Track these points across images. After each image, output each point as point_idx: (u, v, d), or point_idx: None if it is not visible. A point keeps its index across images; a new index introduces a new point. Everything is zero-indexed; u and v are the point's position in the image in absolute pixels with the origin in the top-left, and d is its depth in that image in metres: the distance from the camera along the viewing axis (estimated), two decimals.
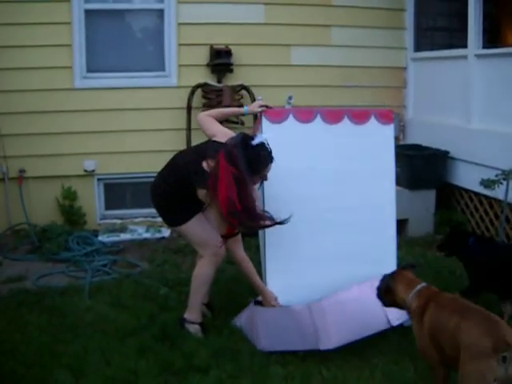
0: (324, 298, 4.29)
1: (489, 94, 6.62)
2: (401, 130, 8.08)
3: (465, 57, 6.90)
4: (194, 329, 4.52)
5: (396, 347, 4.24)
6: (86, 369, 4.02)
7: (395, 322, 4.28)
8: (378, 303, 3.98)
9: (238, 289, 5.40)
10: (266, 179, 4.32)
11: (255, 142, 4.17)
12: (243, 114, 4.84)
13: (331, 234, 4.61)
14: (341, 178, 4.63)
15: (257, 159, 4.15)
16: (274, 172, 4.30)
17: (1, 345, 4.36)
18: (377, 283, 3.94)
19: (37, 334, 4.53)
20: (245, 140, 4.19)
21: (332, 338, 4.10)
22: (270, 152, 4.21)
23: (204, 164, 4.25)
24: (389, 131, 4.80)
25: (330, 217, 4.60)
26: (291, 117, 4.63)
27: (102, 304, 5.14)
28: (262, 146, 4.18)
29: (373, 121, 4.71)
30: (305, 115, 4.65)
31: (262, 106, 4.67)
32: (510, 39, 7.73)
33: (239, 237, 4.52)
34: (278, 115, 4.64)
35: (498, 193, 5.91)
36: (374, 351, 4.23)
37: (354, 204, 4.64)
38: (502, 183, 5.69)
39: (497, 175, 5.74)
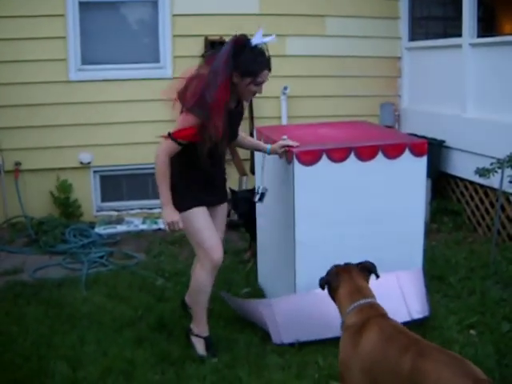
0: None
1: (484, 83, 6.63)
2: (396, 119, 8.09)
3: (459, 46, 6.89)
4: (198, 343, 4.17)
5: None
6: (83, 359, 4.04)
7: (416, 316, 4.33)
8: (399, 298, 4.04)
9: (234, 278, 5.44)
10: (260, 91, 4.05)
11: (254, 41, 3.99)
12: (265, 151, 4.46)
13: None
14: (373, 218, 4.45)
15: (252, 59, 3.92)
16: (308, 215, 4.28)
17: None
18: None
19: (34, 325, 4.56)
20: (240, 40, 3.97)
21: None
22: (269, 58, 3.99)
23: None
24: (422, 164, 4.52)
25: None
26: (324, 157, 4.29)
27: (99, 295, 5.17)
28: (261, 48, 3.99)
29: (407, 154, 4.44)
30: (338, 154, 4.33)
31: (284, 147, 4.33)
32: (505, 28, 7.72)
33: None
34: (310, 156, 4.28)
35: (493, 181, 5.91)
36: None
37: (383, 243, 4.49)
38: (496, 172, 5.69)
39: (492, 164, 5.73)
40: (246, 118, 7.48)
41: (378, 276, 3.39)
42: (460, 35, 6.88)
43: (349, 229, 4.41)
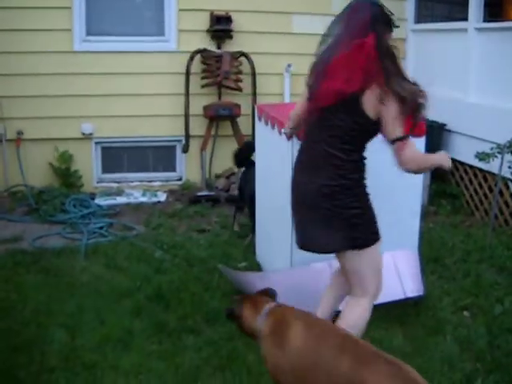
0: None
1: (488, 69, 6.63)
2: None
3: (465, 30, 6.89)
4: None
5: (386, 314, 4.29)
6: (81, 327, 4.10)
7: (410, 294, 4.38)
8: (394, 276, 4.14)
9: (233, 252, 5.49)
10: None
11: None
12: None
13: None
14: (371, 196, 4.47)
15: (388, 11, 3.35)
16: None
17: None
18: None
19: (33, 293, 4.60)
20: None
21: None
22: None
23: None
24: (420, 145, 4.44)
25: None
26: None
27: (98, 265, 5.22)
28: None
29: None
30: None
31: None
32: (511, 13, 7.73)
33: None
34: None
35: (493, 166, 5.96)
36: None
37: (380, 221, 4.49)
38: (496, 156, 5.73)
39: (492, 149, 5.77)
40: (249, 94, 7.51)
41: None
42: (466, 19, 6.87)
43: None
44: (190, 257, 5.40)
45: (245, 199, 5.81)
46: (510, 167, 5.83)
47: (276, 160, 4.65)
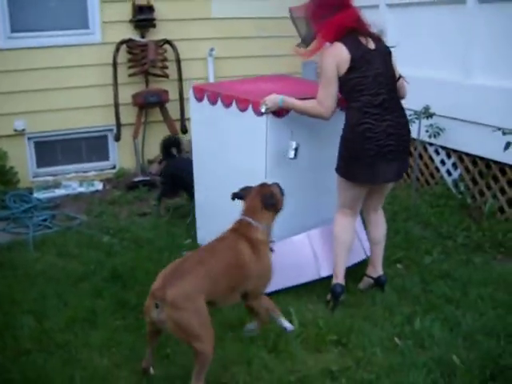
0: None
1: (400, 42, 7.02)
2: (318, 76, 8.44)
3: (377, 6, 7.24)
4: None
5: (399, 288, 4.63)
6: (46, 312, 4.32)
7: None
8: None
9: (176, 232, 5.79)
10: None
11: None
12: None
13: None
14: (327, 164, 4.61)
15: None
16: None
17: None
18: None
19: None
20: None
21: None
22: None
23: None
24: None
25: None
26: None
27: (50, 255, 5.40)
28: None
29: None
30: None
31: None
32: None
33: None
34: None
35: (412, 132, 6.38)
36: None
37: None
38: (414, 122, 6.16)
39: (410, 115, 6.20)
40: (175, 79, 7.75)
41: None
42: None
43: (307, 175, 4.76)
44: (137, 239, 5.65)
45: (168, 186, 6.25)
46: (427, 131, 6.30)
47: (233, 139, 4.84)
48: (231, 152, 4.91)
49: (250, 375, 3.53)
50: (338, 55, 4.13)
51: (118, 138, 7.69)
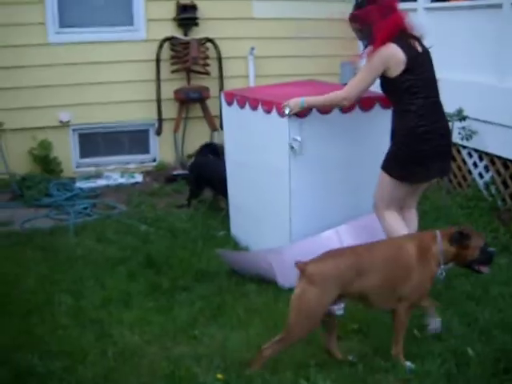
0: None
1: (436, 45, 7.13)
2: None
3: (415, 10, 7.38)
4: None
5: None
6: (83, 292, 4.57)
7: None
8: None
9: (211, 223, 5.99)
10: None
11: None
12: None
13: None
14: (352, 163, 4.91)
15: None
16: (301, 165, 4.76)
17: (3, 276, 4.85)
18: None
19: (34, 267, 5.05)
20: None
21: None
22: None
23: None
24: (389, 116, 4.71)
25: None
26: (314, 110, 4.69)
27: (89, 240, 5.67)
28: None
29: (377, 107, 4.94)
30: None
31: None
32: None
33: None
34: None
35: None
36: None
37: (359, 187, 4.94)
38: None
39: None
40: (216, 77, 7.98)
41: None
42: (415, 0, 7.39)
43: (331, 175, 4.90)
44: (173, 229, 5.87)
45: (194, 186, 6.54)
46: (459, 133, 6.40)
47: (260, 139, 5.09)
48: (258, 152, 5.16)
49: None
50: (393, 56, 4.17)
51: (159, 132, 7.94)
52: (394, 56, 4.18)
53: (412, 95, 4.22)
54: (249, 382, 3.43)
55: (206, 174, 6.41)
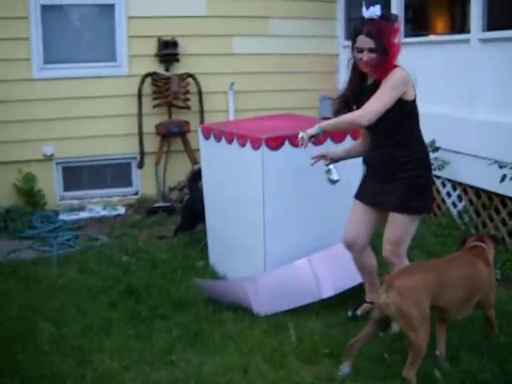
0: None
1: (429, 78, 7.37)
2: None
3: None
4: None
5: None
6: (65, 320, 4.67)
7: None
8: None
9: (190, 253, 6.18)
10: (362, 59, 4.09)
11: (365, 14, 4.13)
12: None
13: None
14: (323, 193, 5.00)
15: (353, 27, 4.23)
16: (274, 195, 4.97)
17: None
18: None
19: (17, 295, 5.16)
20: None
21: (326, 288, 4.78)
22: (367, 26, 4.05)
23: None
24: None
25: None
26: (286, 142, 4.93)
27: (72, 271, 5.78)
28: (363, 17, 4.14)
29: (348, 138, 5.15)
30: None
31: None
32: (438, 28, 8.51)
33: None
34: (276, 142, 4.93)
35: None
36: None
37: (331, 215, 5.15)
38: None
39: None
40: (197, 111, 8.17)
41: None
42: None
43: (303, 205, 5.10)
44: (154, 259, 6.00)
45: (190, 219, 6.51)
46: (432, 164, 6.59)
47: (235, 172, 5.28)
48: (234, 184, 5.35)
49: (246, 381, 3.83)
50: (410, 78, 4.13)
51: (141, 166, 8.11)
52: (410, 79, 4.13)
53: (418, 122, 4.26)
54: None
55: (202, 211, 6.22)
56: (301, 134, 4.24)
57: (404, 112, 4.13)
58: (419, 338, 3.69)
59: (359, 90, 4.28)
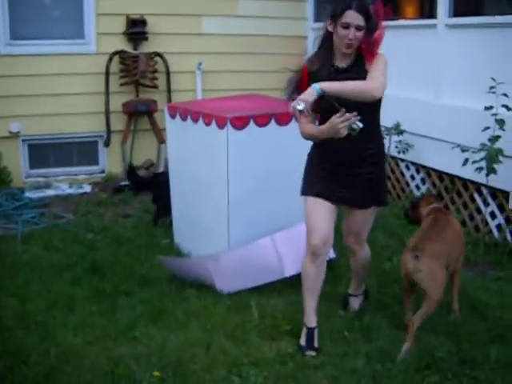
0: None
1: (395, 63, 7.44)
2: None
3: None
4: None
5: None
6: (29, 296, 4.68)
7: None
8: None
9: (155, 232, 6.22)
10: (351, 37, 3.70)
11: None
12: None
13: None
14: (285, 175, 5.10)
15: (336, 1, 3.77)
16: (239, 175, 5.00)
17: None
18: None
19: None
20: None
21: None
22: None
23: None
24: None
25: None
26: (251, 122, 5.00)
27: (36, 247, 5.79)
28: None
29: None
30: (262, 119, 5.05)
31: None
32: (399, 13, 8.58)
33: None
34: (241, 122, 4.95)
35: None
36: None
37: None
38: (385, 138, 6.55)
39: (382, 131, 6.61)
40: (164, 91, 8.17)
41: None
42: None
43: (267, 184, 5.18)
44: (119, 237, 6.03)
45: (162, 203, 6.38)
46: (396, 147, 6.70)
47: (200, 151, 5.30)
48: (199, 163, 5.37)
49: (208, 357, 3.89)
50: None
51: (107, 144, 8.09)
52: None
53: None
54: (184, 380, 3.63)
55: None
56: (299, 106, 3.66)
57: (377, 102, 3.88)
58: (439, 296, 4.03)
59: (328, 72, 3.86)
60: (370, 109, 3.81)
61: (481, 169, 5.42)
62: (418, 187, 7.00)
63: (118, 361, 3.79)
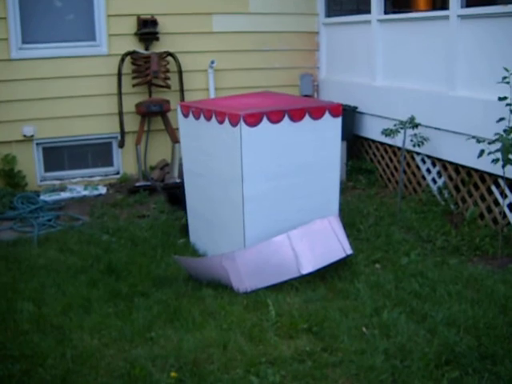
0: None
1: (390, 55, 7.41)
2: (315, 89, 8.87)
3: (369, 22, 7.66)
4: None
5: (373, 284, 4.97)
6: (45, 299, 4.68)
7: (349, 252, 4.98)
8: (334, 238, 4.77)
9: (171, 232, 6.20)
10: None
11: None
12: None
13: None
14: (301, 170, 5.18)
15: None
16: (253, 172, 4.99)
17: None
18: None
19: None
20: None
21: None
22: None
23: None
24: (338, 123, 5.36)
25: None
26: (265, 119, 5.00)
27: (52, 250, 5.78)
28: None
29: (327, 115, 5.25)
30: (275, 116, 5.05)
31: None
32: (411, 5, 8.53)
33: None
34: (254, 119, 4.95)
35: (398, 141, 6.76)
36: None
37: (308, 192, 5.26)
38: (399, 132, 6.52)
39: (395, 125, 6.57)
40: (177, 90, 8.15)
41: None
42: (369, 12, 7.64)
43: (282, 181, 5.15)
44: (134, 238, 6.03)
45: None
46: (411, 140, 6.63)
47: (214, 149, 5.28)
48: (213, 161, 5.36)
49: (225, 356, 3.86)
50: None
51: (121, 145, 8.08)
52: None
53: None
54: (201, 380, 3.60)
55: None
56: None
57: None
58: None
59: None
60: None
61: (497, 160, 5.34)
62: (434, 180, 6.93)
63: (134, 362, 3.77)
